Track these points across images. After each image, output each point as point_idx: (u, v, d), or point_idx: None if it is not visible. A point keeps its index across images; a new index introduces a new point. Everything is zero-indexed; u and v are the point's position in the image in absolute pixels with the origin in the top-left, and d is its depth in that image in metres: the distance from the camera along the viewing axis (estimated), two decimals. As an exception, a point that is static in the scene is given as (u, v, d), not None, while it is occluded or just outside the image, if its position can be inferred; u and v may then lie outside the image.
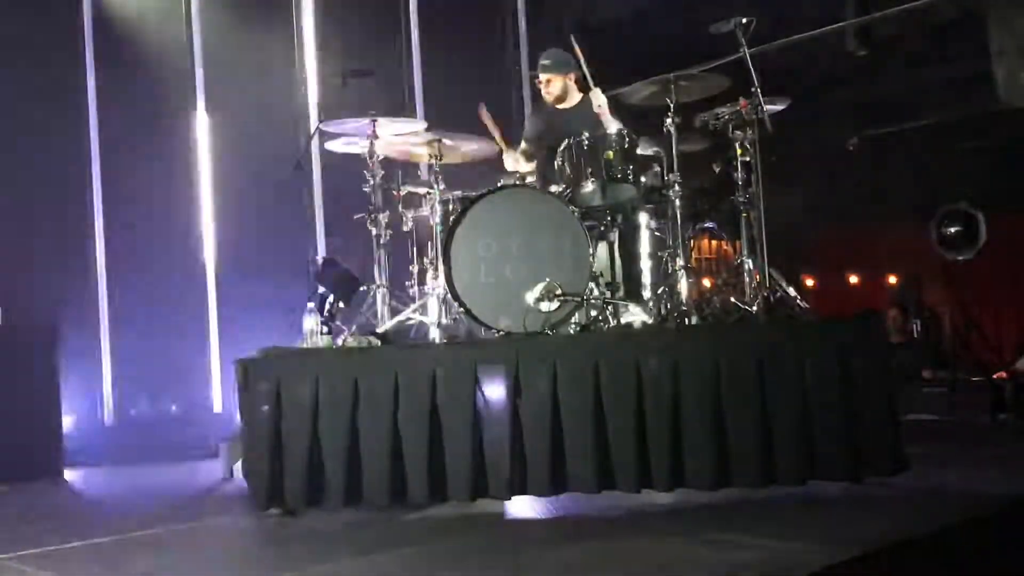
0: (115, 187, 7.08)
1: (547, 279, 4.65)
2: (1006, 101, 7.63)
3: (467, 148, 5.43)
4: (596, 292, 4.80)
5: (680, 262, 4.92)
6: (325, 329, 5.12)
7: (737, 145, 5.07)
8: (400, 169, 5.54)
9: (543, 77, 5.87)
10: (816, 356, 4.11)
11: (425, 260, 5.36)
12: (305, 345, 5.13)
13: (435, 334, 4.99)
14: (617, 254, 5.12)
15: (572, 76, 5.89)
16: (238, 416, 4.45)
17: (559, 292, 4.64)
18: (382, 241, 5.37)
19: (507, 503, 4.14)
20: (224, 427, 5.88)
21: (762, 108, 4.95)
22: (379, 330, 5.03)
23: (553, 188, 5.13)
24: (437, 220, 5.14)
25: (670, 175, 4.99)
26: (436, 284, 5.06)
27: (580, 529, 3.78)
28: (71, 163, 6.99)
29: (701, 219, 5.35)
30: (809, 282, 9.22)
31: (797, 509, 3.84)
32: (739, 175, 5.07)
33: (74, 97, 7.03)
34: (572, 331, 4.75)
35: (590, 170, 4.98)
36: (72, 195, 6.98)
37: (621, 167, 4.98)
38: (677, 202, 4.97)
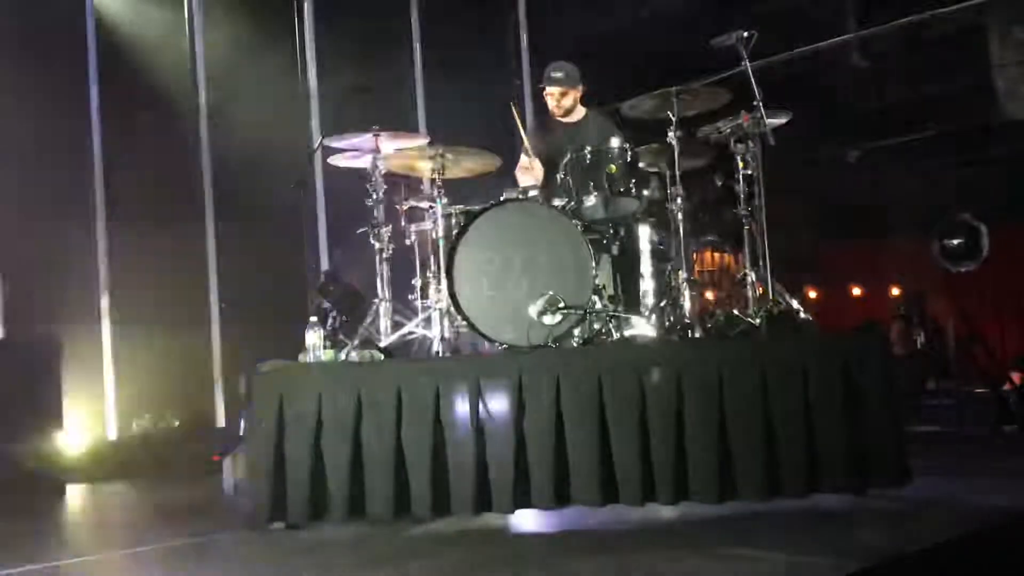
0: (118, 201, 7.11)
1: (550, 292, 4.65)
2: (1007, 113, 7.65)
3: (469, 162, 5.43)
4: (599, 305, 4.80)
5: (683, 275, 4.92)
6: (328, 343, 5.12)
7: (739, 158, 5.08)
8: (403, 183, 5.55)
9: (556, 90, 5.86)
10: (819, 368, 4.10)
11: (428, 274, 5.35)
12: (308, 359, 5.13)
13: (438, 348, 4.99)
14: (619, 267, 5.12)
15: (580, 90, 5.91)
16: (241, 430, 4.44)
17: (562, 305, 4.64)
18: (385, 255, 5.37)
19: (511, 517, 4.13)
20: (227, 441, 5.88)
21: (764, 121, 4.96)
22: (382, 344, 5.03)
23: (556, 202, 5.14)
24: (440, 234, 5.14)
25: (672, 188, 5.00)
26: (439, 298, 5.06)
27: (584, 543, 3.77)
28: (74, 177, 7.03)
29: (704, 232, 5.35)
30: (812, 294, 9.22)
31: (801, 522, 3.83)
32: (741, 188, 5.08)
33: (78, 113, 7.07)
34: (575, 344, 4.74)
35: (593, 184, 4.99)
36: (75, 209, 7.01)
37: (623, 181, 4.99)
38: (679, 215, 4.98)
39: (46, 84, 6.82)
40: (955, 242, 8.28)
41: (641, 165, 5.11)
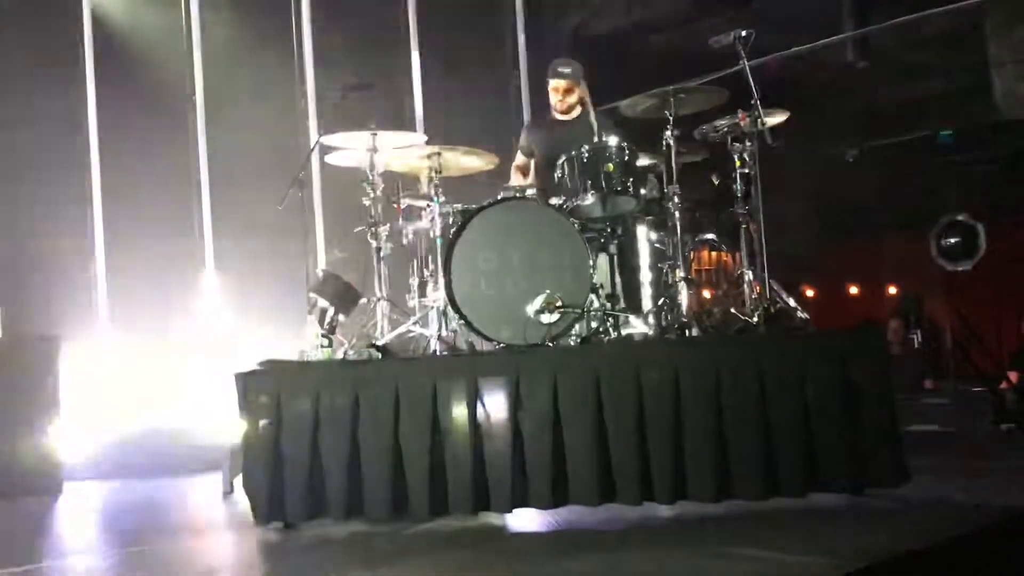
0: (115, 199, 7.11)
1: (547, 291, 4.65)
2: (1005, 112, 7.66)
3: (467, 161, 5.43)
4: (596, 304, 4.80)
5: (680, 274, 4.92)
6: (325, 342, 5.12)
7: (736, 157, 5.08)
8: (400, 182, 5.55)
9: (562, 84, 5.86)
10: (817, 367, 4.10)
11: (425, 273, 5.35)
12: (305, 358, 5.12)
13: (435, 347, 4.99)
14: (617, 266, 5.13)
15: (584, 89, 5.91)
16: (238, 430, 4.43)
17: (559, 304, 4.63)
18: (382, 254, 5.37)
19: (508, 516, 4.13)
20: (224, 441, 5.87)
21: (761, 120, 4.96)
22: (379, 343, 5.03)
23: (553, 200, 5.14)
24: (437, 232, 5.14)
25: (670, 187, 5.00)
26: (436, 296, 5.06)
27: (581, 542, 3.77)
28: (71, 176, 7.02)
29: (701, 231, 5.35)
30: (809, 293, 9.23)
31: (799, 521, 3.83)
32: (738, 187, 5.08)
33: (74, 110, 7.06)
34: (573, 343, 4.74)
35: (590, 182, 4.98)
36: (72, 207, 7.00)
37: (621, 179, 4.99)
38: (677, 214, 4.98)
39: (42, 83, 6.81)
40: (952, 241, 8.27)
41: (639, 164, 5.11)
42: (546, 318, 4.63)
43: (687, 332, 4.77)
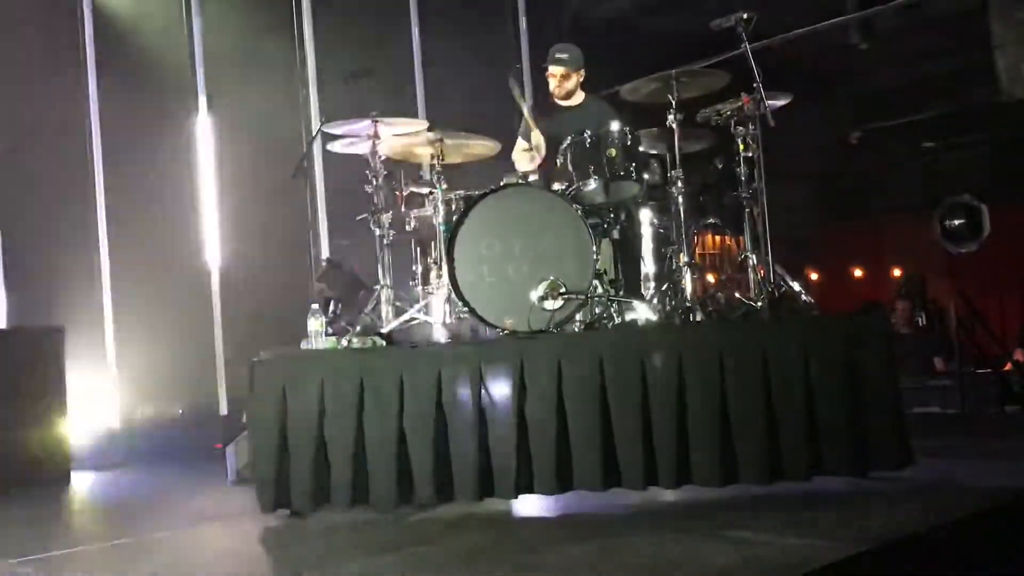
0: (119, 191, 7.11)
1: (551, 277, 4.64)
2: (1008, 93, 7.63)
3: (469, 147, 5.42)
4: (600, 290, 4.79)
5: (684, 258, 4.91)
6: (329, 330, 5.12)
7: (739, 141, 5.07)
8: (402, 169, 5.54)
9: (559, 71, 5.83)
10: (821, 350, 4.11)
11: (428, 260, 5.34)
12: (310, 347, 5.13)
13: (439, 334, 4.99)
14: (620, 251, 5.12)
15: (582, 75, 5.88)
16: (244, 418, 4.45)
17: (563, 290, 4.63)
18: (385, 241, 5.37)
19: (513, 502, 4.14)
20: (230, 429, 5.89)
21: (764, 103, 4.94)
22: (383, 331, 5.03)
23: (556, 186, 5.13)
24: (440, 220, 5.13)
25: (673, 172, 4.99)
26: (440, 284, 5.06)
27: (587, 527, 3.78)
28: (75, 167, 7.02)
29: (704, 215, 5.34)
30: (813, 276, 9.22)
31: (804, 504, 3.84)
32: (742, 170, 5.06)
33: (76, 102, 7.05)
34: (576, 329, 4.74)
35: (593, 168, 4.97)
36: (77, 199, 7.00)
37: (624, 164, 4.97)
38: (680, 198, 4.97)
39: (44, 78, 6.80)
40: (956, 223, 8.25)
41: (641, 149, 5.10)
42: (550, 304, 4.63)
43: (691, 317, 4.77)
